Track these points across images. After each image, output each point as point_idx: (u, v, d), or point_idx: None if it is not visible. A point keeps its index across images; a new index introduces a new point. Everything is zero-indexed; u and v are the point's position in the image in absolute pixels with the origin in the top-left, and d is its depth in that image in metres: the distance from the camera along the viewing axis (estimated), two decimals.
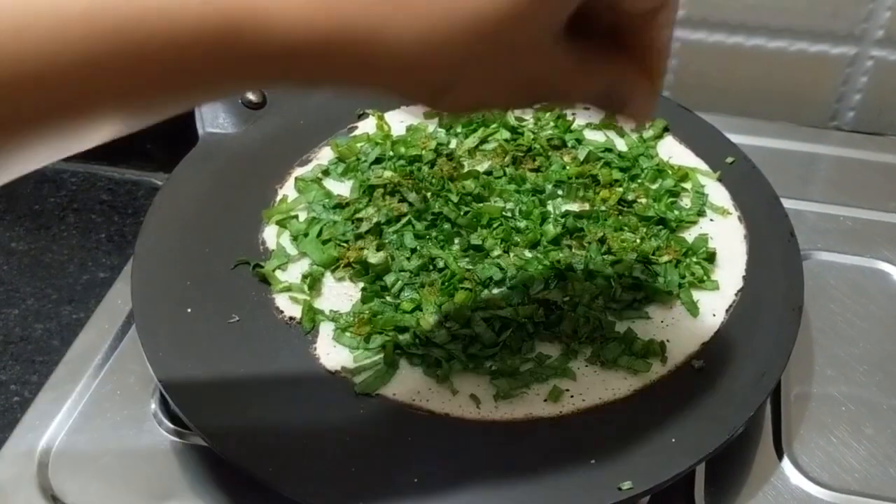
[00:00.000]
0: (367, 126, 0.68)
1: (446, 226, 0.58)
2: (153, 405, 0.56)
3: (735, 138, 0.68)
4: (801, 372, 0.58)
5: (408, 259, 0.56)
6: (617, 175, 0.62)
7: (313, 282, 0.55)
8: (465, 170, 0.63)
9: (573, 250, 0.57)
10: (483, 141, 0.65)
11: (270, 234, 0.59)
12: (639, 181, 0.62)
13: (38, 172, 0.91)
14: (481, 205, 0.60)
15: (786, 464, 0.53)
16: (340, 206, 0.60)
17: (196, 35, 0.31)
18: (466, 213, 0.59)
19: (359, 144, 0.65)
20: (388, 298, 0.54)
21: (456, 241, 0.58)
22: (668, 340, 0.53)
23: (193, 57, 0.32)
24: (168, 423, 0.55)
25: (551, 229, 0.58)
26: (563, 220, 0.58)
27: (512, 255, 0.56)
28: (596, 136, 0.66)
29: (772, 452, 0.54)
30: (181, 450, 0.54)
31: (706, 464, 0.51)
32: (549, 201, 0.61)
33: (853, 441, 0.54)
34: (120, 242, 0.82)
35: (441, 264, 0.56)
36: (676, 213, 0.60)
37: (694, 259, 0.57)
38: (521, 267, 0.55)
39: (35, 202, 0.87)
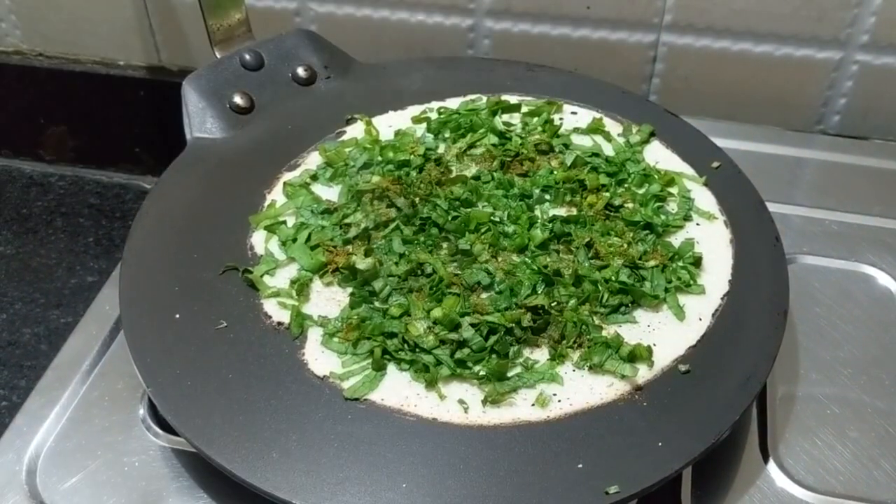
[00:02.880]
0: (356, 131, 0.68)
1: (434, 231, 0.58)
2: (141, 411, 0.56)
3: (721, 142, 0.68)
4: (786, 375, 0.59)
5: (396, 264, 0.56)
6: (604, 180, 0.63)
7: (301, 287, 0.56)
8: (454, 175, 0.63)
9: (560, 255, 0.57)
10: (471, 146, 0.65)
11: (259, 240, 0.59)
12: (626, 186, 0.63)
13: (26, 176, 0.91)
14: (469, 210, 0.60)
15: (771, 466, 0.54)
16: (329, 211, 0.60)
17: None
18: (454, 218, 0.59)
19: (347, 149, 0.65)
20: (377, 304, 0.54)
21: (444, 246, 0.58)
22: (654, 344, 0.53)
23: None
24: (156, 428, 0.55)
25: (539, 234, 0.58)
26: (550, 225, 0.59)
27: (500, 259, 0.57)
28: (583, 141, 0.67)
29: (757, 455, 0.54)
30: (169, 455, 0.54)
31: (692, 467, 0.51)
32: (537, 206, 0.61)
33: (838, 444, 0.55)
34: (108, 246, 0.83)
35: (429, 269, 0.56)
36: (663, 217, 0.60)
37: (680, 263, 0.57)
38: (509, 272, 0.56)
39: (22, 206, 0.87)
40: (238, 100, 0.68)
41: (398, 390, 0.51)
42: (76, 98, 0.90)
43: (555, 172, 0.63)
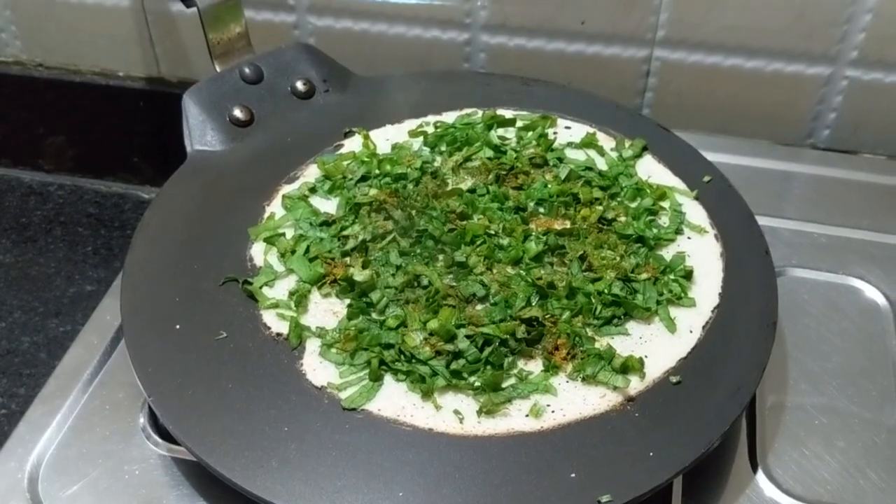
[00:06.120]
0: (354, 144, 0.69)
1: (430, 243, 0.59)
2: (142, 420, 0.57)
3: (712, 156, 0.69)
4: (775, 386, 0.59)
5: (393, 276, 0.57)
6: (597, 193, 0.64)
7: (300, 298, 0.56)
8: (450, 188, 0.64)
9: (554, 267, 0.58)
10: (467, 159, 0.66)
11: (258, 251, 0.60)
12: (618, 200, 0.64)
13: (25, 185, 0.92)
14: (465, 222, 0.61)
15: (760, 476, 0.55)
16: (327, 223, 0.61)
17: None
18: (450, 230, 0.60)
19: (345, 162, 0.66)
20: (374, 315, 0.55)
21: (440, 258, 0.58)
22: (646, 356, 0.54)
23: None
24: (157, 437, 0.56)
25: (533, 247, 0.59)
26: (544, 238, 0.60)
27: (495, 271, 0.58)
28: (577, 155, 0.68)
29: (747, 465, 0.55)
30: (170, 464, 0.55)
31: (683, 476, 0.52)
32: (532, 219, 0.62)
33: (826, 454, 0.56)
34: (106, 255, 0.83)
35: (425, 281, 0.57)
36: (655, 231, 0.61)
37: (672, 276, 0.58)
38: (504, 284, 0.57)
39: (21, 215, 0.87)
40: (238, 113, 0.69)
41: (395, 400, 0.51)
42: (75, 108, 0.90)
43: (549, 186, 0.64)
